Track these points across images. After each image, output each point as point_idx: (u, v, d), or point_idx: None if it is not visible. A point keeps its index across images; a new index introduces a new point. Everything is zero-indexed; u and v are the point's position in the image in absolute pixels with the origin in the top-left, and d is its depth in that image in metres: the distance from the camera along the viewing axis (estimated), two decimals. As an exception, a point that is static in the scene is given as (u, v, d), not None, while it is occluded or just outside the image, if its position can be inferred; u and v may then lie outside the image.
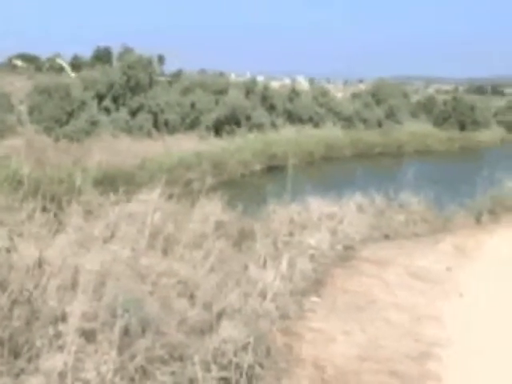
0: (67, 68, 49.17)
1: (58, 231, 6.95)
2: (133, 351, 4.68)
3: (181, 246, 7.22)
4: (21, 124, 26.68)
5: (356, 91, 55.29)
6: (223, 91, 35.86)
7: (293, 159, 13.00)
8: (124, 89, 31.96)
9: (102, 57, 51.01)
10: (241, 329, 5.28)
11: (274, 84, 52.35)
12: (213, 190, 9.81)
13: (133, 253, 6.63)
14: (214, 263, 6.79)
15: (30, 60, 64.58)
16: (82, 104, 28.32)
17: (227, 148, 26.92)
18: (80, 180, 9.58)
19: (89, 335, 4.79)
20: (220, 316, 5.65)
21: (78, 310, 4.81)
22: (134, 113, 31.18)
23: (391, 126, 40.96)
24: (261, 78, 56.33)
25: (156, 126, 30.94)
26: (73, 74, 41.44)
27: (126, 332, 4.82)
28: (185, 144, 26.40)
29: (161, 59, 44.31)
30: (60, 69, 48.29)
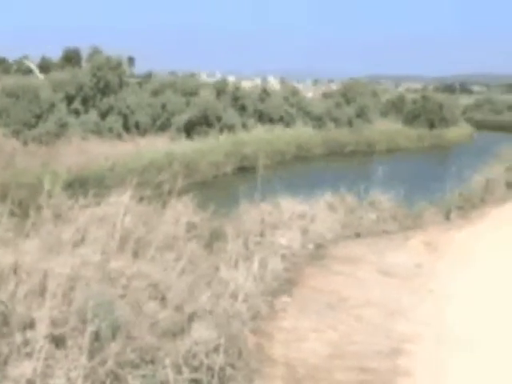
0: (35, 70, 48.50)
1: (26, 236, 6.86)
2: (103, 356, 4.65)
3: (152, 248, 7.19)
4: (-12, 127, 26.23)
5: (327, 91, 55.59)
6: (194, 92, 35.70)
7: (264, 159, 13.05)
8: (93, 90, 31.59)
9: (70, 58, 50.42)
10: (212, 330, 5.29)
11: (245, 84, 52.30)
12: (184, 191, 9.79)
13: (103, 256, 6.58)
14: (185, 265, 6.77)
15: (-3, 62, 63.56)
16: (51, 106, 27.91)
17: (198, 149, 26.78)
18: (49, 183, 9.45)
19: (58, 341, 4.75)
20: (191, 318, 5.64)
21: (46, 315, 4.76)
22: (103, 115, 30.85)
23: (362, 125, 41.25)
24: (231, 79, 56.26)
25: (126, 127, 30.65)
26: (41, 76, 40.87)
27: (97, 337, 4.79)
28: (156, 145, 26.20)
29: (131, 61, 44.05)
30: (28, 71, 47.56)
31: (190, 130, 31.18)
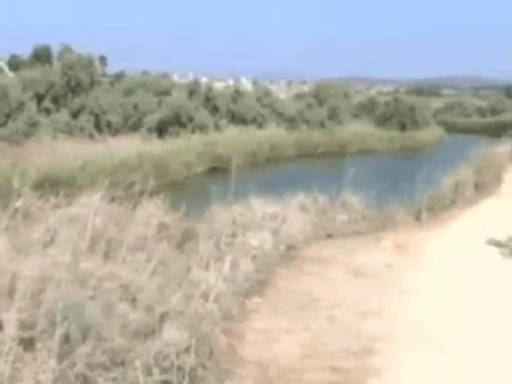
0: (4, 68, 47.79)
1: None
2: (73, 359, 4.60)
3: (123, 249, 7.15)
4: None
5: (299, 92, 55.81)
6: (166, 92, 35.57)
7: (236, 160, 13.03)
8: (64, 89, 31.29)
9: (41, 56, 49.63)
10: (183, 331, 5.27)
11: (218, 85, 52.25)
12: (156, 192, 9.75)
13: (73, 257, 6.51)
14: (156, 266, 6.75)
15: (-35, 60, 62.36)
16: (21, 105, 27.54)
17: (170, 149, 26.66)
18: (18, 183, 9.32)
19: (27, 343, 4.69)
20: (162, 319, 5.62)
21: (15, 317, 4.70)
22: (75, 114, 30.57)
23: (334, 127, 41.52)
24: (204, 79, 56.16)
25: (98, 127, 30.41)
26: (11, 74, 40.25)
27: (66, 339, 4.74)
28: (127, 146, 25.96)
29: (103, 60, 43.65)
30: (-3, 69, 46.84)
31: (161, 130, 31.04)
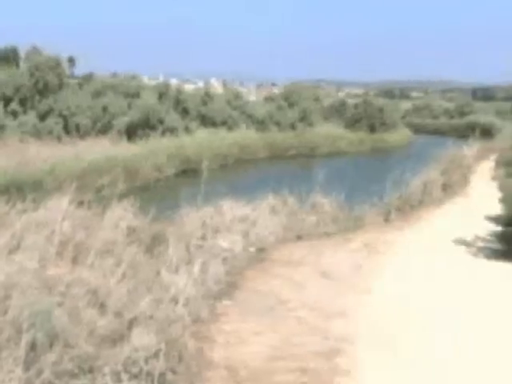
0: (-30, 70, 46.89)
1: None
2: (40, 366, 4.55)
3: (91, 253, 7.09)
4: None
5: (269, 94, 55.96)
6: (136, 94, 35.30)
7: (207, 162, 12.97)
8: (32, 91, 30.85)
9: (7, 57, 48.88)
10: (152, 336, 5.26)
11: (188, 87, 52.09)
12: (125, 195, 9.70)
13: (40, 263, 6.44)
14: (125, 270, 6.71)
15: None
16: (-13, 108, 27.16)
17: (140, 152, 26.49)
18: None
19: (-8, 351, 4.62)
20: (131, 324, 5.60)
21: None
22: (42, 116, 30.13)
23: (304, 129, 41.75)
24: (174, 81, 55.91)
25: (66, 130, 30.02)
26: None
27: (33, 347, 4.69)
28: (96, 148, 25.70)
29: (71, 61, 43.13)
30: (-38, 71, 45.98)
31: (131, 132, 30.79)
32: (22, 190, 15.15)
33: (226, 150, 32.52)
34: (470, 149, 27.96)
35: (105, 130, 30.91)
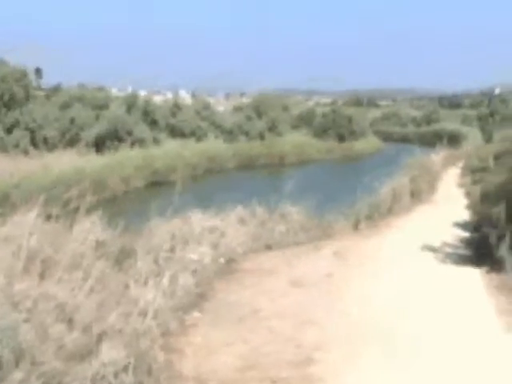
0: None
1: None
2: (6, 384, 4.48)
3: (59, 268, 7.00)
4: None
5: (238, 104, 56.18)
6: (104, 106, 35.16)
7: (176, 173, 12.97)
8: (-2, 104, 30.50)
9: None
10: (121, 350, 5.22)
11: (157, 98, 51.94)
12: (94, 207, 9.60)
13: (6, 279, 6.34)
14: (93, 284, 6.64)
15: None
16: (-49, 121, 26.73)
17: (108, 164, 26.34)
18: None
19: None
20: (100, 339, 5.54)
21: None
22: (9, 129, 29.76)
23: (273, 138, 41.97)
24: (143, 93, 55.68)
25: (33, 142, 29.71)
26: None
27: (-1, 364, 4.61)
28: (64, 161, 25.49)
29: (38, 72, 42.74)
30: None
31: (99, 144, 30.61)
32: (-13, 204, 14.89)
33: (194, 160, 32.51)
34: (437, 156, 28.44)
35: (73, 143, 30.65)
